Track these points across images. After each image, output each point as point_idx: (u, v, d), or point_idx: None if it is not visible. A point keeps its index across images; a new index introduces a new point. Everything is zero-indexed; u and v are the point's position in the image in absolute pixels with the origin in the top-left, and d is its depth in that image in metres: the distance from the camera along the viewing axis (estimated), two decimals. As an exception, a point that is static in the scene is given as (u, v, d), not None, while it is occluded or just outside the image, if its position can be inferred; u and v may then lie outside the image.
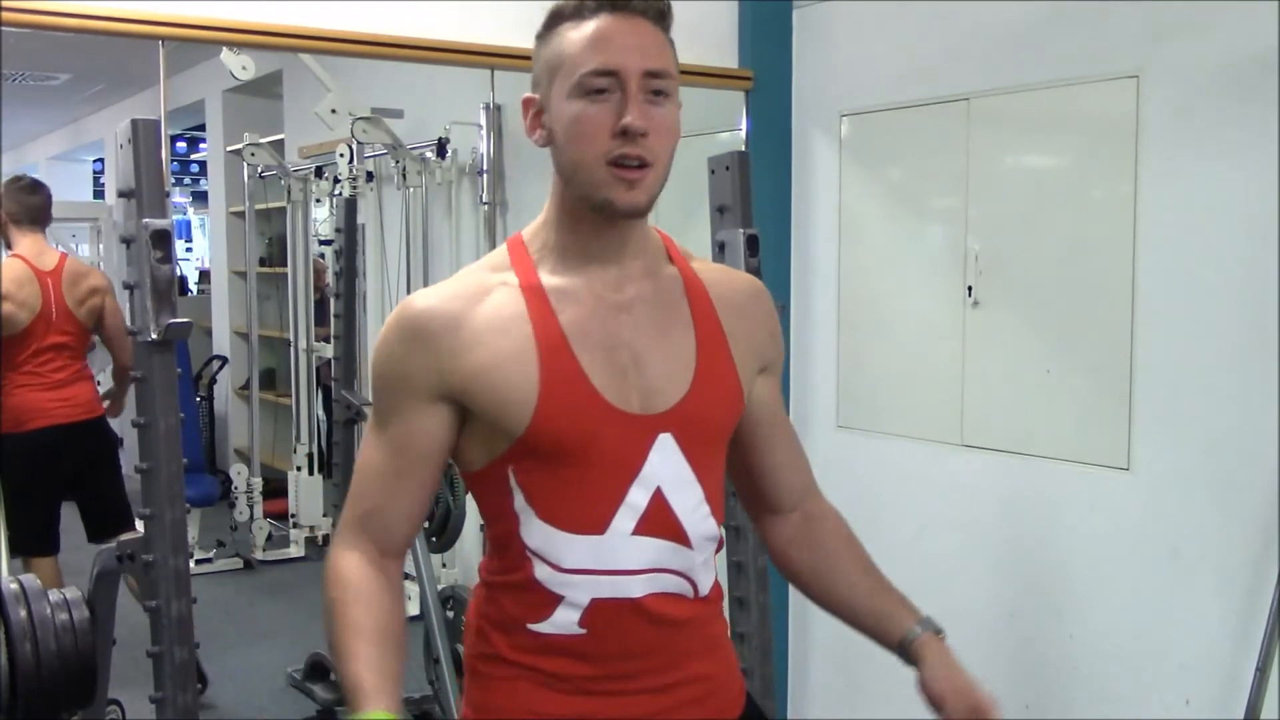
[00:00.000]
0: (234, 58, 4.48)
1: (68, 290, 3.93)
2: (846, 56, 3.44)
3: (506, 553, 1.32)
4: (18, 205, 3.96)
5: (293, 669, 4.28)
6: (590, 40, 1.27)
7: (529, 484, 1.29)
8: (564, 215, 1.34)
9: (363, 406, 3.84)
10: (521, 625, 1.31)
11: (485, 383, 1.27)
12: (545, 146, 1.33)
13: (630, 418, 1.29)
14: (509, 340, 1.28)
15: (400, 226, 5.26)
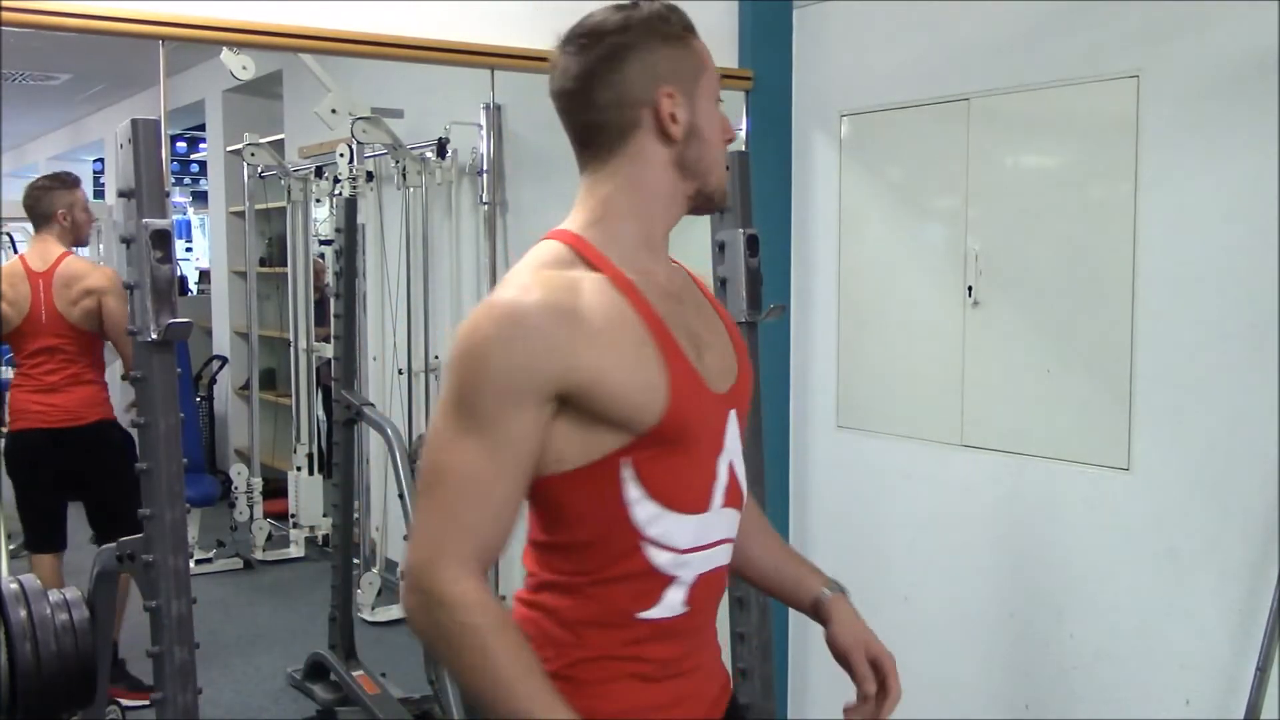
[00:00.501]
0: (234, 58, 4.48)
1: (59, 292, 3.87)
2: (846, 56, 3.44)
3: (606, 547, 1.32)
4: (27, 206, 4.02)
5: (293, 669, 4.28)
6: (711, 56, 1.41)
7: (649, 473, 1.30)
8: (654, 205, 1.38)
9: (363, 407, 3.84)
10: (629, 616, 1.32)
11: (613, 378, 1.26)
12: (680, 139, 1.36)
13: (717, 398, 1.37)
14: (626, 333, 1.29)
15: (400, 226, 5.26)
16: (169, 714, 2.18)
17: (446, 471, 1.26)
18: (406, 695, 3.89)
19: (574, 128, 1.39)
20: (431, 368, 5.14)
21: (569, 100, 1.37)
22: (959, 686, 3.18)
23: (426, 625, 1.24)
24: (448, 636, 1.23)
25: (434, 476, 1.27)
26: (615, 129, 1.35)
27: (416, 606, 1.25)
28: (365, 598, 5.07)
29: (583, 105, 1.36)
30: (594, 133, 1.37)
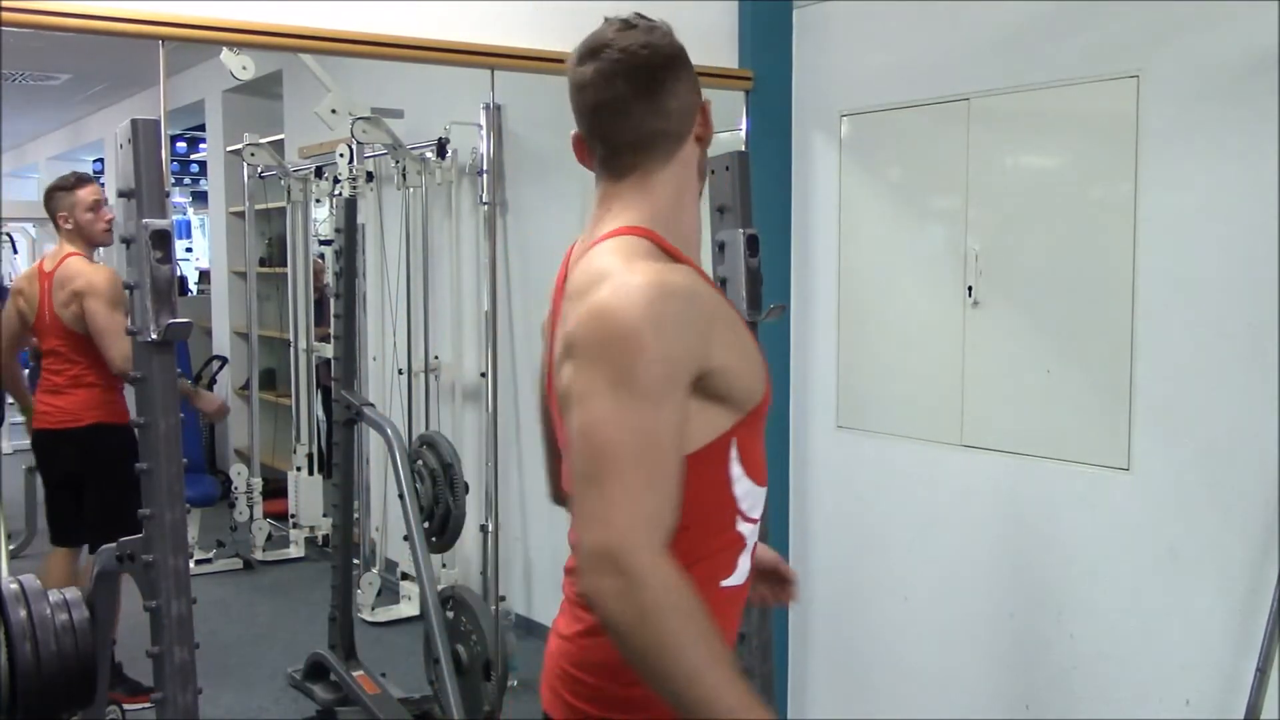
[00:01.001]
0: (234, 58, 4.48)
1: (55, 294, 3.88)
2: (846, 56, 3.44)
3: (707, 525, 1.37)
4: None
5: (293, 669, 4.28)
6: None
7: (746, 449, 1.40)
8: (694, 204, 1.49)
9: (363, 407, 3.84)
10: (716, 584, 1.40)
11: (738, 357, 1.36)
12: (709, 142, 1.50)
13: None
14: (733, 316, 1.40)
15: (400, 226, 5.26)
16: (169, 714, 2.18)
17: (622, 450, 1.22)
18: (406, 695, 3.89)
19: (634, 134, 1.42)
20: (431, 368, 5.14)
21: (633, 107, 1.41)
22: (959, 686, 3.18)
23: (626, 608, 1.18)
24: (651, 618, 1.17)
25: (609, 457, 1.23)
26: (676, 135, 1.44)
27: (615, 590, 1.18)
28: (365, 598, 5.07)
29: (652, 113, 1.41)
30: (658, 139, 1.43)
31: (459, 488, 3.90)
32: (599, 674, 1.39)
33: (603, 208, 1.44)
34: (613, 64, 1.40)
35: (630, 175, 1.43)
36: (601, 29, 1.45)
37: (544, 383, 1.53)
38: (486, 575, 4.46)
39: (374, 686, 3.87)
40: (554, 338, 1.44)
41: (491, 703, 3.60)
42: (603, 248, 1.37)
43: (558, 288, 1.48)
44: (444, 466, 3.93)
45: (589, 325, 1.29)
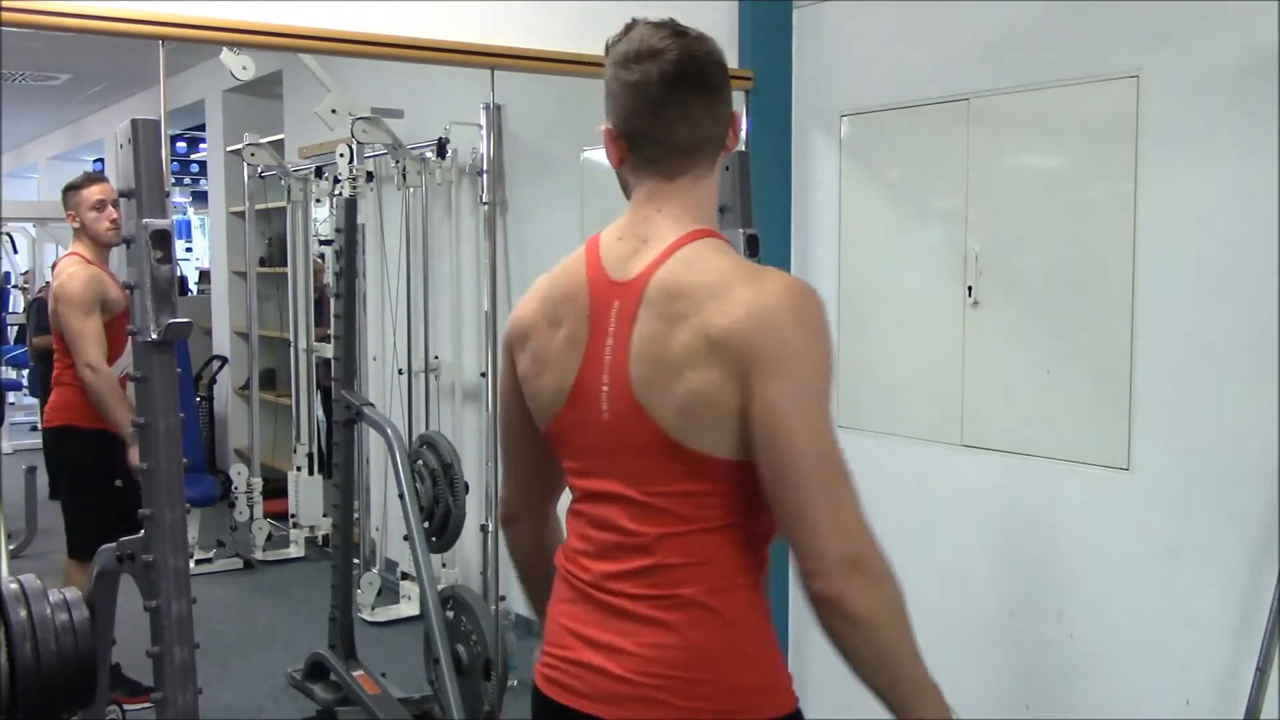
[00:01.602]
0: (234, 58, 4.48)
1: (51, 291, 3.98)
2: (846, 56, 3.44)
3: (760, 521, 1.41)
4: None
5: (293, 669, 4.28)
6: None
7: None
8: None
9: (363, 407, 3.84)
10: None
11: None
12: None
13: None
14: None
15: (400, 226, 5.27)
16: (169, 714, 2.17)
17: (840, 458, 1.33)
18: (406, 695, 3.89)
19: (692, 137, 1.43)
20: (431, 368, 5.14)
21: (694, 110, 1.42)
22: (959, 686, 3.17)
23: (877, 601, 1.30)
24: (897, 609, 1.32)
25: (836, 465, 1.32)
26: (721, 141, 1.47)
27: (866, 589, 1.29)
28: (365, 598, 5.07)
29: (710, 118, 1.44)
30: (710, 143, 1.45)
31: (459, 488, 3.90)
32: (711, 668, 1.38)
33: (650, 206, 1.44)
34: (677, 66, 1.40)
35: (681, 177, 1.44)
36: (645, 31, 1.43)
37: (566, 384, 1.44)
38: (486, 575, 4.46)
39: (374, 686, 3.87)
40: (604, 332, 1.41)
41: (491, 703, 3.60)
42: (703, 248, 1.39)
43: (593, 280, 1.44)
44: (444, 466, 3.93)
45: (786, 331, 1.31)
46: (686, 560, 1.38)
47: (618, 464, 1.41)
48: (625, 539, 1.41)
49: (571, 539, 1.50)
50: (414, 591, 5.02)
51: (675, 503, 1.38)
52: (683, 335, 1.34)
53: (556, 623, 1.50)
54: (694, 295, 1.35)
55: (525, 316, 1.51)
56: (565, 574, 1.50)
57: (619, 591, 1.41)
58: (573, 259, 1.48)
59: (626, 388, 1.38)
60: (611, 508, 1.42)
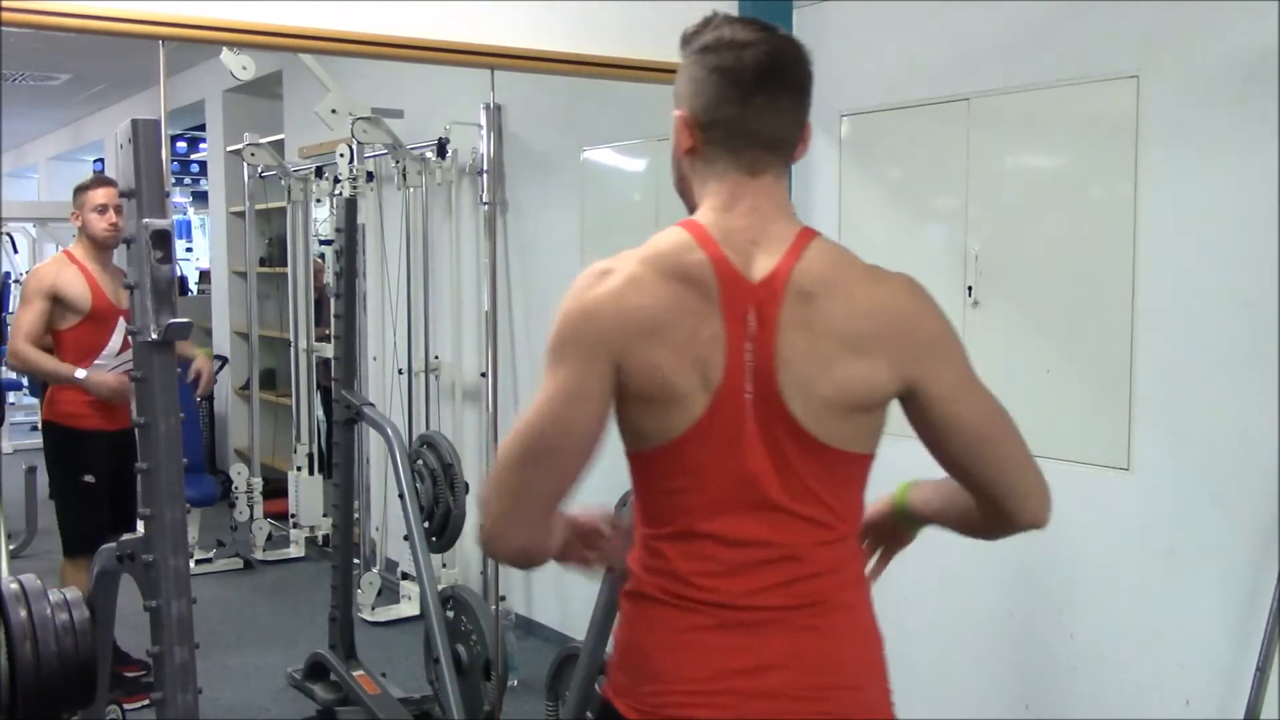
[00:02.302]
0: (234, 58, 4.48)
1: None
2: (846, 56, 3.44)
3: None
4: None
5: (293, 669, 4.27)
6: None
7: None
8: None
9: (363, 407, 3.84)
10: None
11: None
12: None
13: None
14: None
15: (400, 226, 5.26)
16: (169, 714, 2.18)
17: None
18: (406, 695, 3.89)
19: (789, 132, 1.42)
20: (431, 368, 5.14)
21: (798, 107, 1.42)
22: (959, 686, 3.18)
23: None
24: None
25: (1009, 416, 1.53)
26: (795, 145, 1.44)
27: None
28: (365, 598, 5.07)
29: (802, 117, 1.43)
30: (790, 142, 1.42)
31: (459, 488, 3.90)
32: (873, 651, 1.48)
33: (744, 202, 1.38)
34: (770, 59, 1.37)
35: (764, 174, 1.40)
36: (735, 23, 1.39)
37: (717, 382, 1.34)
38: (486, 575, 4.46)
39: (374, 686, 3.87)
40: (742, 334, 1.33)
41: (491, 703, 3.60)
42: (824, 245, 1.39)
43: (723, 276, 1.34)
44: (444, 466, 3.93)
45: (935, 317, 1.41)
46: (830, 564, 1.40)
47: (760, 471, 1.35)
48: (767, 551, 1.36)
49: (678, 562, 1.37)
50: (414, 591, 5.02)
51: (822, 510, 1.39)
52: (832, 336, 1.34)
53: (685, 653, 1.37)
54: (836, 295, 1.35)
55: (645, 308, 1.33)
56: (677, 599, 1.37)
57: (765, 606, 1.36)
58: (679, 246, 1.36)
59: (775, 397, 1.34)
60: (747, 521, 1.35)
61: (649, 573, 1.40)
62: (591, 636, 2.97)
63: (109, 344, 3.98)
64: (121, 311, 3.98)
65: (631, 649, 1.42)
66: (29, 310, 3.92)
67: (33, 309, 3.91)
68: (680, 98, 1.42)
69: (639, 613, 1.41)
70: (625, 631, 1.44)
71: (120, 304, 3.99)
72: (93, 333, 3.97)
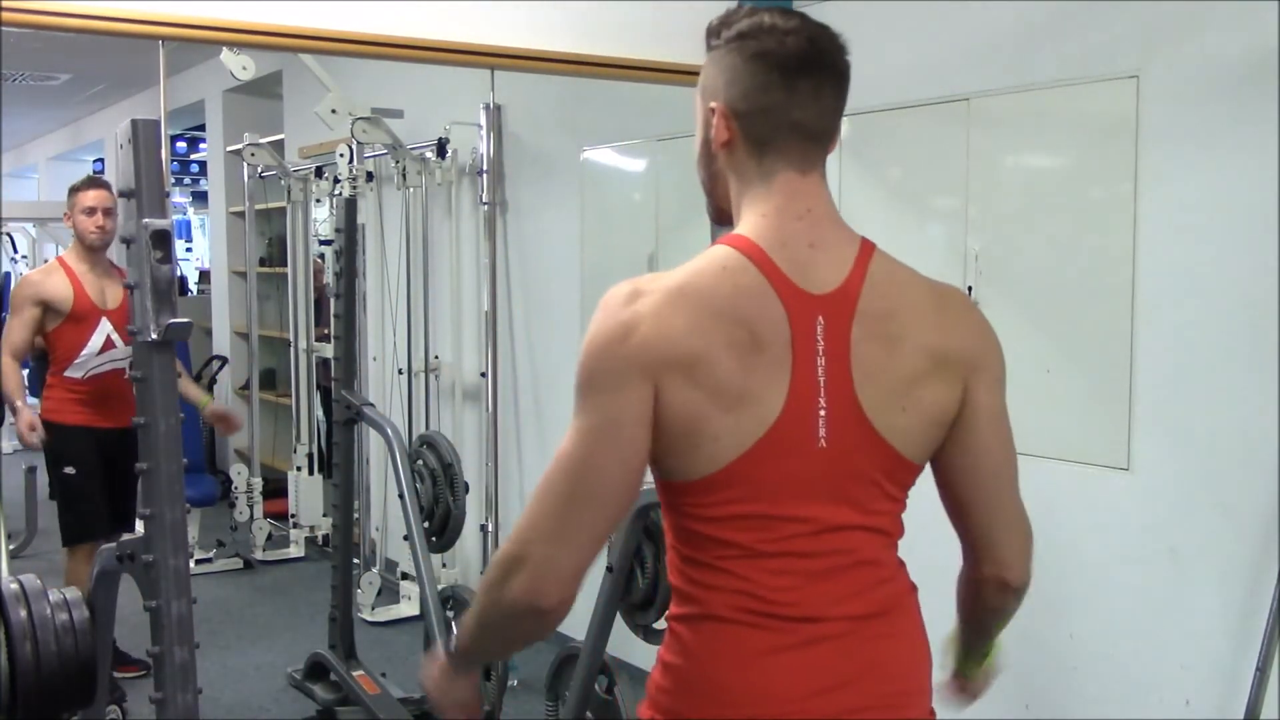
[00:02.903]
0: (234, 58, 4.49)
1: None
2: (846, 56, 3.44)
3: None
4: None
5: (293, 669, 4.28)
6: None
7: None
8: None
9: (363, 407, 3.84)
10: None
11: None
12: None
13: None
14: None
15: (400, 226, 5.27)
16: (169, 714, 2.17)
17: None
18: (406, 695, 3.89)
19: (836, 126, 1.37)
20: (432, 368, 5.14)
21: (830, 92, 1.35)
22: (959, 686, 3.17)
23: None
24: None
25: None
26: (835, 138, 1.39)
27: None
28: (365, 598, 5.07)
29: (837, 106, 1.36)
30: (833, 133, 1.37)
31: (459, 488, 3.90)
32: (925, 654, 1.52)
33: (798, 204, 1.33)
34: (812, 45, 1.32)
35: (815, 171, 1.36)
36: (769, 11, 1.34)
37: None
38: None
39: (374, 686, 3.87)
40: (812, 351, 1.28)
41: (491, 703, 3.60)
42: (887, 258, 1.36)
43: (785, 292, 1.29)
44: (444, 466, 3.93)
45: (996, 341, 1.47)
46: (895, 569, 1.44)
47: (827, 491, 1.31)
48: (845, 558, 1.34)
49: (757, 577, 1.31)
50: (414, 591, 5.02)
51: (888, 520, 1.40)
52: (911, 353, 1.33)
53: (764, 674, 1.31)
54: (911, 311, 1.35)
55: (682, 337, 1.25)
56: (755, 616, 1.31)
57: (846, 615, 1.34)
58: (730, 267, 1.30)
59: (855, 410, 1.30)
60: (822, 533, 1.32)
61: (715, 592, 1.32)
62: (591, 636, 2.97)
63: (89, 344, 4.01)
64: (105, 313, 4.01)
65: (696, 675, 1.34)
66: (16, 320, 3.98)
67: (19, 318, 3.97)
68: (712, 90, 1.36)
69: (706, 635, 1.33)
70: (686, 656, 1.35)
71: (105, 305, 4.03)
72: (72, 333, 4.01)
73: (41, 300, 3.98)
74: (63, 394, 4.05)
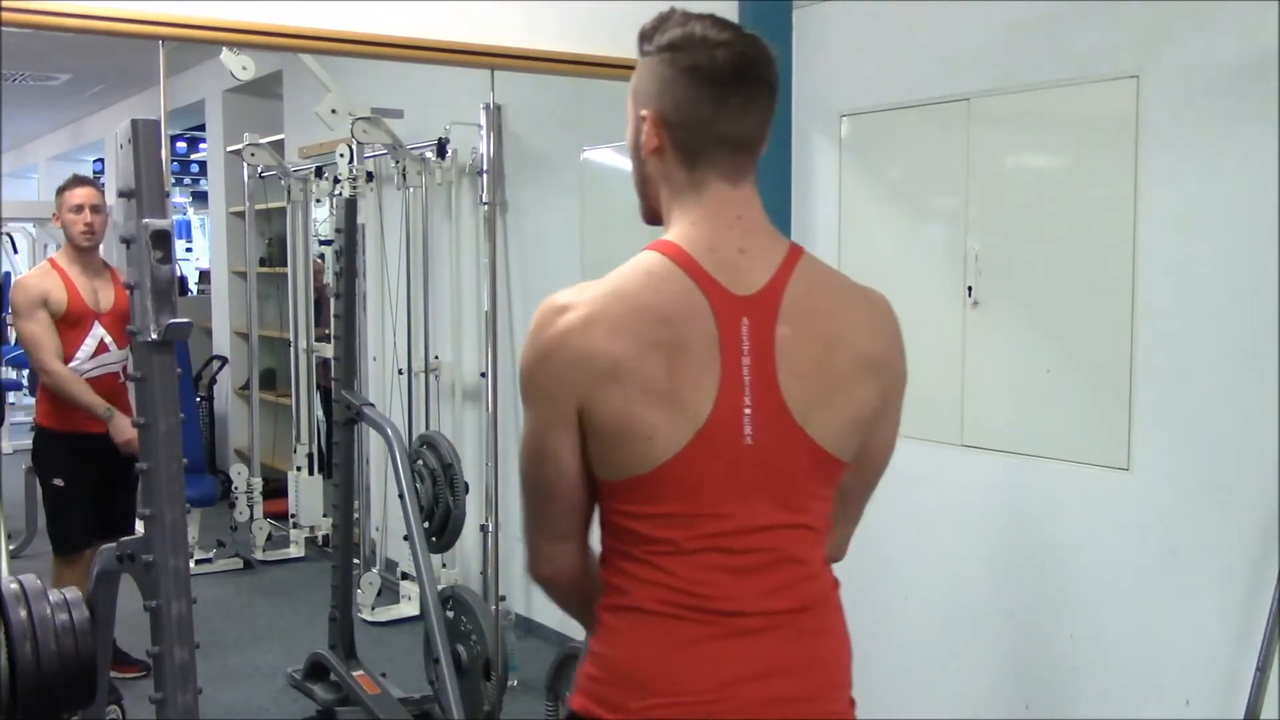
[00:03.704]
0: (234, 58, 4.48)
1: None
2: (846, 56, 3.44)
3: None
4: None
5: (293, 669, 4.28)
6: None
7: None
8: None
9: (363, 407, 3.84)
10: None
11: None
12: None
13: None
14: None
15: (400, 226, 5.27)
16: (169, 714, 2.18)
17: None
18: (406, 695, 3.89)
19: (764, 136, 1.39)
20: (431, 368, 5.14)
21: (761, 104, 1.37)
22: (959, 686, 3.18)
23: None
24: None
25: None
26: (763, 147, 1.41)
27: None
28: (365, 598, 5.07)
29: (768, 118, 1.39)
30: (762, 143, 1.39)
31: (459, 488, 3.90)
32: (846, 654, 1.46)
33: (729, 212, 1.36)
34: (741, 58, 1.35)
35: (744, 181, 1.38)
36: (698, 20, 1.36)
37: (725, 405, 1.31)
38: (486, 575, 4.46)
39: (374, 686, 3.87)
40: (738, 351, 1.31)
41: (491, 703, 3.60)
42: (814, 262, 1.39)
43: (713, 295, 1.32)
44: (444, 466, 3.93)
45: (902, 351, 1.43)
46: (820, 566, 1.43)
47: (754, 489, 1.33)
48: (771, 555, 1.36)
49: (683, 572, 1.34)
50: (414, 591, 5.02)
51: (815, 517, 1.40)
52: (844, 355, 1.35)
53: (690, 663, 1.34)
54: (840, 314, 1.37)
55: (607, 347, 1.30)
56: (681, 609, 1.34)
57: (773, 610, 1.36)
58: (655, 272, 1.33)
59: (780, 408, 1.32)
60: (746, 531, 1.34)
61: (645, 586, 1.36)
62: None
63: (81, 348, 3.94)
64: (98, 316, 3.97)
65: (626, 663, 1.37)
66: (35, 325, 3.89)
67: (37, 324, 3.89)
68: (644, 95, 1.37)
69: (637, 626, 1.37)
70: (616, 646, 1.39)
71: (98, 308, 3.98)
72: (65, 337, 3.92)
73: (44, 299, 3.92)
74: (56, 399, 3.98)
